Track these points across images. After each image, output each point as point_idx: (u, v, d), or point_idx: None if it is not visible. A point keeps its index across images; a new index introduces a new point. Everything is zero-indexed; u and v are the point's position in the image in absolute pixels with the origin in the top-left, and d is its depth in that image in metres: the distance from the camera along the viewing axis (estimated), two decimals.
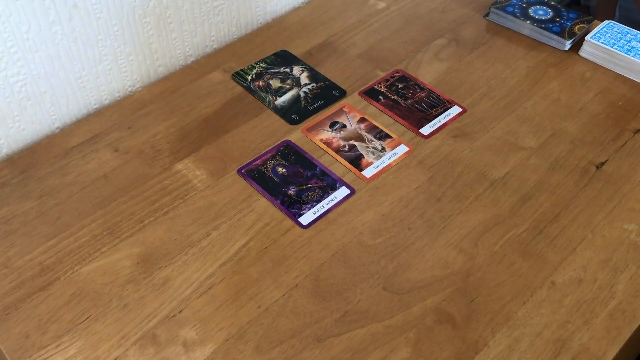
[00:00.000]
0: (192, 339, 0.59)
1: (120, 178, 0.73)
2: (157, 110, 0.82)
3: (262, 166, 0.74)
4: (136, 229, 0.67)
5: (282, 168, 0.73)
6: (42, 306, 0.61)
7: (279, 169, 0.73)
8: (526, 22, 0.92)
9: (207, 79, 0.87)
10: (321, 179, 0.72)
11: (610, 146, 0.77)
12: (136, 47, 0.84)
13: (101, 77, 0.82)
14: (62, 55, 0.77)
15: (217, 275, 0.64)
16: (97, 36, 0.79)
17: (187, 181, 0.73)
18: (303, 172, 0.73)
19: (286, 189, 0.71)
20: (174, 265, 0.64)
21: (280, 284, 0.63)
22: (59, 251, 0.66)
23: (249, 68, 0.88)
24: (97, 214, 0.69)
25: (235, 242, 0.66)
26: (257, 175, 0.73)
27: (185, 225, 0.68)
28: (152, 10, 0.82)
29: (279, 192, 0.71)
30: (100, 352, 0.58)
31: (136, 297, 0.62)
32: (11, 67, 0.73)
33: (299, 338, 0.59)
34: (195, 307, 0.61)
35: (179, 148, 0.77)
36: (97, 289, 0.62)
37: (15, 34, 0.71)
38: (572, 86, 0.85)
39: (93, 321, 0.60)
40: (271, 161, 0.75)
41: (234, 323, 0.60)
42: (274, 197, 0.70)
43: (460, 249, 0.66)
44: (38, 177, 0.73)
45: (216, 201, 0.70)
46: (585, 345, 0.58)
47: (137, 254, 0.65)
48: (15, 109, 0.76)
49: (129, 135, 0.78)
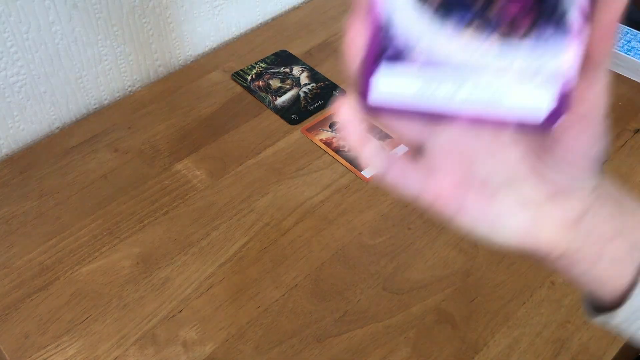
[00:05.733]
0: (191, 339, 0.59)
1: (120, 178, 0.73)
2: (157, 110, 0.82)
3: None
4: (136, 229, 0.67)
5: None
6: (42, 306, 0.61)
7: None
8: None
9: (206, 79, 0.87)
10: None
11: (610, 146, 0.77)
12: (136, 47, 0.84)
13: (101, 77, 0.82)
14: (61, 55, 0.77)
15: (217, 275, 0.64)
16: (97, 36, 0.79)
17: (187, 181, 0.73)
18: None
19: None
20: (173, 265, 0.64)
21: (280, 284, 0.63)
22: (58, 251, 0.66)
23: (249, 68, 0.88)
24: (97, 214, 0.69)
25: (235, 242, 0.66)
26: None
27: (185, 225, 0.68)
28: (151, 10, 0.82)
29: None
30: (100, 352, 0.58)
31: (136, 297, 0.62)
32: (11, 67, 0.73)
33: (299, 338, 0.59)
34: (195, 307, 0.61)
35: (178, 148, 0.77)
36: (96, 289, 0.62)
37: (15, 34, 0.71)
38: None
39: (93, 321, 0.60)
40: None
41: (234, 323, 0.60)
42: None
43: (460, 248, 0.66)
44: (38, 177, 0.73)
45: (216, 201, 0.70)
46: (585, 345, 0.58)
47: (137, 254, 0.65)
48: (15, 109, 0.76)
49: (128, 135, 0.78)
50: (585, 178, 0.31)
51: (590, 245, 0.32)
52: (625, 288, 0.32)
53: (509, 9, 0.26)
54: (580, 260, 0.32)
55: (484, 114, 0.29)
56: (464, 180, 0.32)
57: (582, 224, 0.32)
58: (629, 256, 0.32)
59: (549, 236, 0.32)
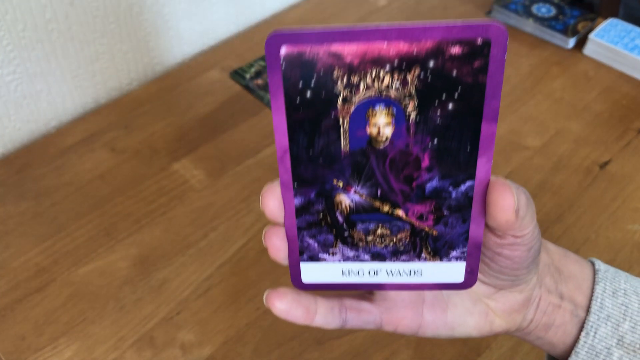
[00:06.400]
0: (189, 342, 0.58)
1: (116, 178, 0.72)
2: (154, 109, 0.81)
3: None
4: (133, 230, 0.67)
5: None
6: (38, 308, 0.60)
7: None
8: (529, 20, 0.91)
9: (205, 77, 0.86)
10: None
11: (613, 145, 0.76)
12: (133, 45, 0.83)
13: (98, 76, 0.82)
14: (58, 54, 0.76)
15: (216, 277, 0.63)
16: (94, 34, 0.78)
17: (185, 181, 0.72)
18: None
19: None
20: (171, 267, 0.63)
21: (279, 285, 0.62)
22: (55, 252, 0.65)
23: (248, 66, 0.87)
24: (94, 215, 0.68)
25: (233, 243, 0.66)
26: None
27: (183, 226, 0.67)
28: (149, 7, 0.81)
29: None
30: (97, 354, 0.57)
31: (133, 298, 0.61)
32: (7, 66, 0.72)
33: (299, 340, 0.58)
34: (193, 309, 0.60)
35: (176, 147, 0.76)
36: (93, 291, 0.62)
37: (12, 32, 0.70)
38: (576, 85, 0.84)
39: (90, 323, 0.59)
40: None
41: (233, 325, 0.59)
42: None
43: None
44: (34, 177, 0.72)
45: (214, 201, 0.70)
46: None
47: (134, 255, 0.64)
48: (11, 108, 0.75)
49: (125, 134, 0.77)
50: (525, 276, 0.34)
51: (540, 318, 0.36)
52: (571, 346, 0.36)
53: (414, 209, 0.30)
54: (532, 331, 0.37)
55: (407, 283, 0.33)
56: (417, 305, 0.35)
57: (528, 305, 0.36)
58: (575, 317, 0.36)
59: (500, 323, 0.36)
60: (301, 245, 0.32)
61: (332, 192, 0.30)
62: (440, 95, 0.27)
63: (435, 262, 0.32)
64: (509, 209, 0.29)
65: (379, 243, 0.31)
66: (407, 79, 0.27)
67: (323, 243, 0.32)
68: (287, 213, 0.31)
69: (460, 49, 0.26)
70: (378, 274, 0.32)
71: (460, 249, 0.31)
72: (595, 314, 0.35)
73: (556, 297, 0.36)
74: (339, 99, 0.27)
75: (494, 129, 0.28)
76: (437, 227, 0.30)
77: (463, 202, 0.30)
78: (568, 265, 0.37)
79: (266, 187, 0.30)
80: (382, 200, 0.30)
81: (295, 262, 0.33)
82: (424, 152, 0.28)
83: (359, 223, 0.31)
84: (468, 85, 0.27)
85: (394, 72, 0.27)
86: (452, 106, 0.27)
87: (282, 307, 0.32)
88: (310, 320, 0.33)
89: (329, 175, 0.29)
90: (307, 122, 0.28)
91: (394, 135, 0.28)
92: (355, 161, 0.29)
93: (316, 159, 0.29)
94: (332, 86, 0.27)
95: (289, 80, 0.27)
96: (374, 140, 0.28)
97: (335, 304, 0.34)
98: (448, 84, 0.27)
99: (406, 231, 0.31)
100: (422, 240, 0.31)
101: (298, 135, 0.28)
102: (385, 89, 0.27)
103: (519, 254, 0.31)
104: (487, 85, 0.27)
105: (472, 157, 0.28)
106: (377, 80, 0.27)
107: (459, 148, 0.28)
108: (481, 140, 0.28)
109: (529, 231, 0.30)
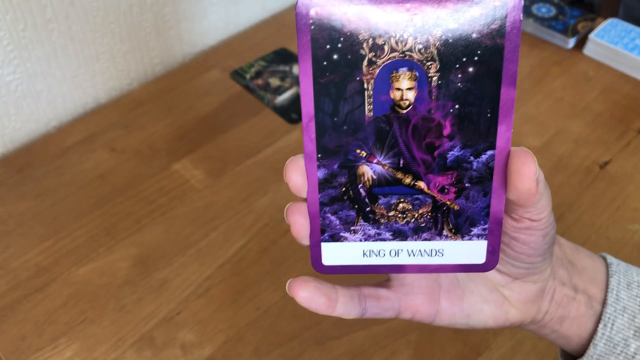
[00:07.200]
0: (190, 342, 0.58)
1: (117, 178, 0.72)
2: (154, 109, 0.81)
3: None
4: (133, 230, 0.67)
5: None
6: (39, 308, 0.60)
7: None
8: (529, 20, 0.91)
9: (205, 77, 0.86)
10: None
11: (613, 145, 0.76)
12: (133, 45, 0.83)
13: (98, 76, 0.82)
14: (58, 54, 0.76)
15: (216, 277, 0.63)
16: (94, 34, 0.78)
17: (185, 181, 0.72)
18: None
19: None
20: (171, 267, 0.63)
21: (280, 285, 0.62)
22: (55, 252, 0.65)
23: (248, 66, 0.87)
24: (94, 215, 0.68)
25: (234, 243, 0.66)
26: None
27: (183, 226, 0.67)
28: (149, 7, 0.81)
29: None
30: (97, 354, 0.57)
31: (133, 298, 0.61)
32: (7, 66, 0.72)
33: (299, 340, 0.58)
34: (194, 309, 0.60)
35: (176, 147, 0.76)
36: (94, 291, 0.62)
37: (12, 32, 0.70)
38: (576, 85, 0.84)
39: (90, 323, 0.59)
40: None
41: (233, 325, 0.59)
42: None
43: None
44: (34, 177, 0.72)
45: (214, 201, 0.70)
46: None
47: (134, 255, 0.64)
48: (12, 108, 0.75)
49: (125, 134, 0.77)
50: (540, 265, 0.34)
51: (555, 310, 0.36)
52: (587, 339, 0.36)
53: (436, 181, 0.30)
54: (547, 323, 0.37)
55: (428, 264, 0.32)
56: (434, 292, 0.35)
57: (543, 296, 0.36)
58: (590, 309, 0.36)
59: (516, 313, 0.36)
60: (323, 222, 0.32)
61: (355, 162, 0.30)
62: (461, 58, 0.28)
63: (457, 240, 0.31)
64: (531, 177, 0.29)
65: (400, 219, 0.31)
66: (429, 41, 0.27)
67: (345, 220, 0.32)
68: (310, 186, 0.31)
69: (479, 10, 0.27)
70: (399, 254, 0.32)
71: (482, 225, 0.31)
72: (612, 306, 0.35)
73: (570, 290, 0.36)
74: (364, 61, 0.28)
75: (513, 94, 0.28)
76: (459, 200, 0.30)
77: (484, 173, 0.30)
78: (580, 258, 0.37)
79: (290, 160, 0.30)
80: (404, 171, 0.30)
81: (317, 242, 0.32)
82: (445, 118, 0.29)
83: (381, 197, 0.31)
84: (487, 47, 0.27)
85: (417, 35, 0.27)
86: (472, 69, 0.28)
87: (305, 294, 0.32)
88: (332, 309, 0.33)
89: (352, 145, 0.30)
90: (333, 86, 0.28)
91: (417, 100, 0.29)
92: (378, 128, 0.29)
93: (340, 127, 0.29)
94: (358, 48, 0.28)
95: (317, 42, 0.27)
96: (397, 105, 0.29)
97: (355, 293, 0.34)
98: (468, 46, 0.27)
99: (428, 205, 0.31)
100: (444, 216, 0.31)
101: (324, 101, 0.29)
102: (408, 51, 0.28)
103: (534, 239, 0.31)
104: (505, 48, 0.27)
105: (492, 124, 0.29)
106: (401, 42, 0.28)
107: (479, 113, 0.29)
108: (501, 105, 0.28)
109: (545, 215, 0.31)
